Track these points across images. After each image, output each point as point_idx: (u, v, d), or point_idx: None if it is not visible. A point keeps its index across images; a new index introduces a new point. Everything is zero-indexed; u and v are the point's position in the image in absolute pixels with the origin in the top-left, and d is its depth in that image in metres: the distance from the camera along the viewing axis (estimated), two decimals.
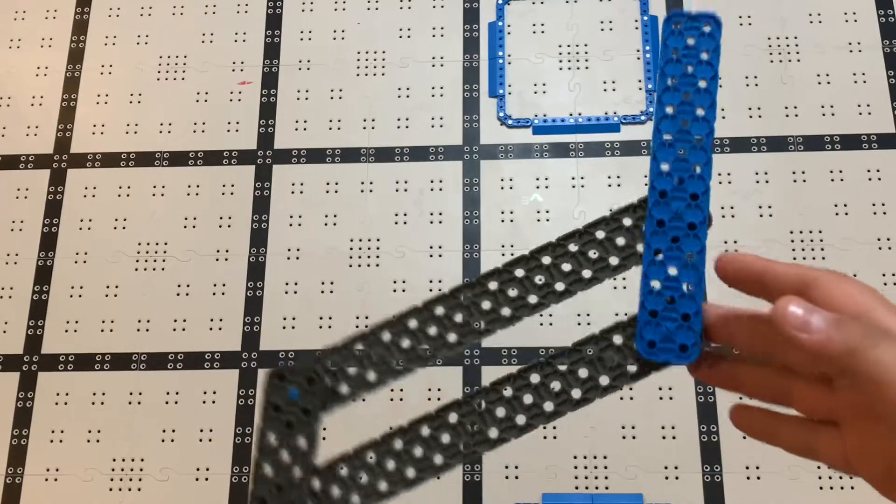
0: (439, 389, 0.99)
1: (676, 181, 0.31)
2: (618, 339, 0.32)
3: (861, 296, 0.27)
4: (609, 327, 0.32)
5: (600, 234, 0.33)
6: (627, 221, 0.32)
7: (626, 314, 0.99)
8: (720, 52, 0.31)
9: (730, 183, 1.05)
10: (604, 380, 0.31)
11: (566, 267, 0.33)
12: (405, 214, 1.07)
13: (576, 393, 0.31)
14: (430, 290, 1.03)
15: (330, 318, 1.03)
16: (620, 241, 0.32)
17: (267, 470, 0.30)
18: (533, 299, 0.32)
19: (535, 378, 0.32)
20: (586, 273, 0.33)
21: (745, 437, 0.99)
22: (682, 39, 0.32)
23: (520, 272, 0.33)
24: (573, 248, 0.33)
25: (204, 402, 1.01)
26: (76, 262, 1.07)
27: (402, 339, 0.32)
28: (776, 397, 0.30)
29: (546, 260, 0.33)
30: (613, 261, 0.32)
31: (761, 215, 1.04)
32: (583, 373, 0.31)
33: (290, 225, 1.07)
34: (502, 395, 0.31)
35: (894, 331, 0.26)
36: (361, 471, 0.31)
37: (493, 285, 0.33)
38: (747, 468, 0.95)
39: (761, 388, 0.31)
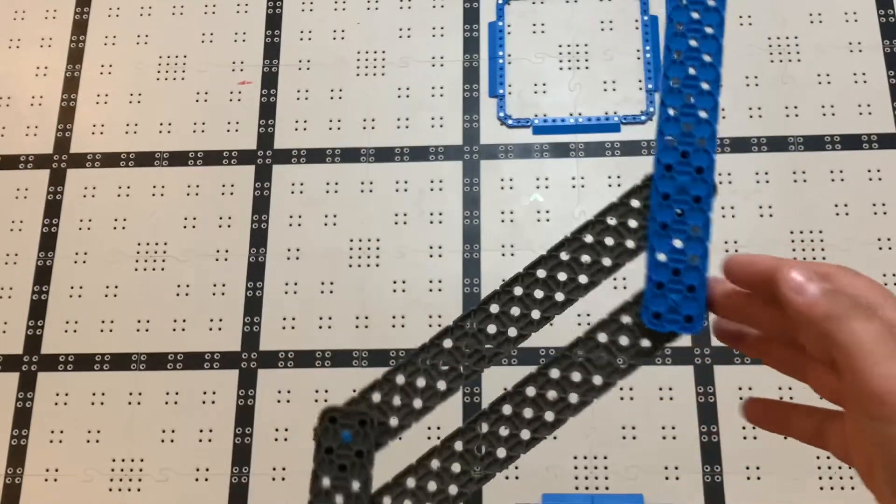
0: None
1: (681, 155, 0.31)
2: (626, 319, 0.32)
3: (871, 291, 0.27)
4: (616, 309, 0.32)
5: (612, 221, 0.33)
6: (636, 203, 0.33)
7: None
8: (724, 26, 0.32)
9: (730, 183, 1.05)
10: (621, 361, 0.31)
11: (585, 258, 0.33)
12: (405, 214, 1.07)
13: (597, 380, 0.31)
14: (430, 291, 1.03)
15: (330, 319, 1.03)
16: (633, 223, 0.33)
17: None
18: (560, 297, 0.32)
19: (554, 372, 0.32)
20: (606, 262, 0.33)
21: (745, 438, 0.99)
22: (686, 13, 0.32)
23: (541, 272, 0.33)
24: (588, 238, 0.33)
25: (203, 403, 1.01)
26: (76, 262, 1.07)
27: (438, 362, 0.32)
28: (795, 371, 0.31)
29: (564, 256, 0.33)
30: (630, 244, 0.32)
31: (761, 215, 1.04)
32: (600, 359, 0.31)
33: (290, 225, 1.07)
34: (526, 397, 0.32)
35: (892, 322, 0.26)
36: None
37: (518, 290, 0.33)
38: (747, 468, 0.95)
39: (782, 361, 0.31)
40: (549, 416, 0.31)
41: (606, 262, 0.32)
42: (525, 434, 0.31)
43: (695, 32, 0.32)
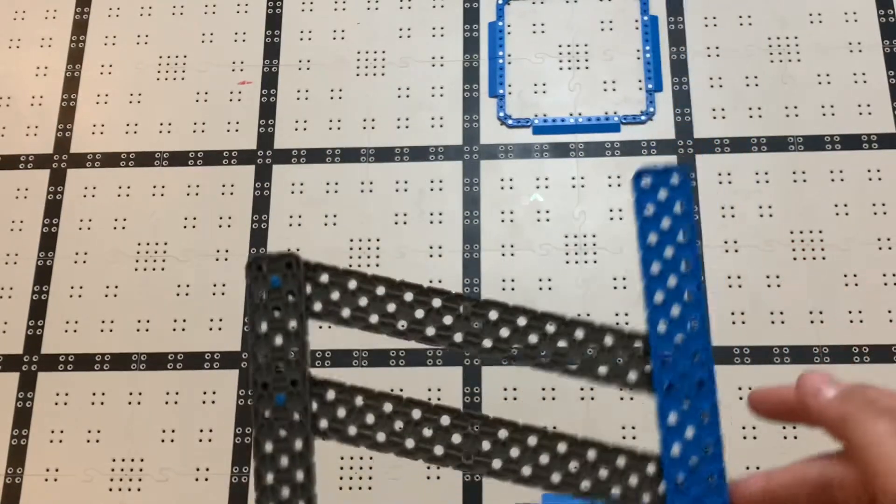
0: (439, 389, 0.98)
1: (678, 341, 0.31)
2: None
3: (892, 397, 0.26)
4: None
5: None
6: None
7: (626, 314, 1.00)
8: (693, 201, 0.31)
9: (730, 183, 1.05)
10: None
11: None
12: (405, 214, 1.07)
13: None
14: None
15: None
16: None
17: (261, 358, 0.30)
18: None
19: None
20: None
21: (745, 438, 0.99)
22: (653, 195, 0.32)
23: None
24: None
25: (203, 403, 1.01)
26: (76, 262, 1.07)
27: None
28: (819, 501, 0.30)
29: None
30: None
31: (761, 215, 1.04)
32: None
33: (290, 225, 1.07)
34: None
35: None
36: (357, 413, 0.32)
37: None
38: (747, 468, 0.95)
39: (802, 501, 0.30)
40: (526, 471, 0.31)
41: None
42: (497, 465, 0.31)
43: (665, 211, 0.32)
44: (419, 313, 0.31)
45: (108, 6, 1.19)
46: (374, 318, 0.32)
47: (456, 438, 0.31)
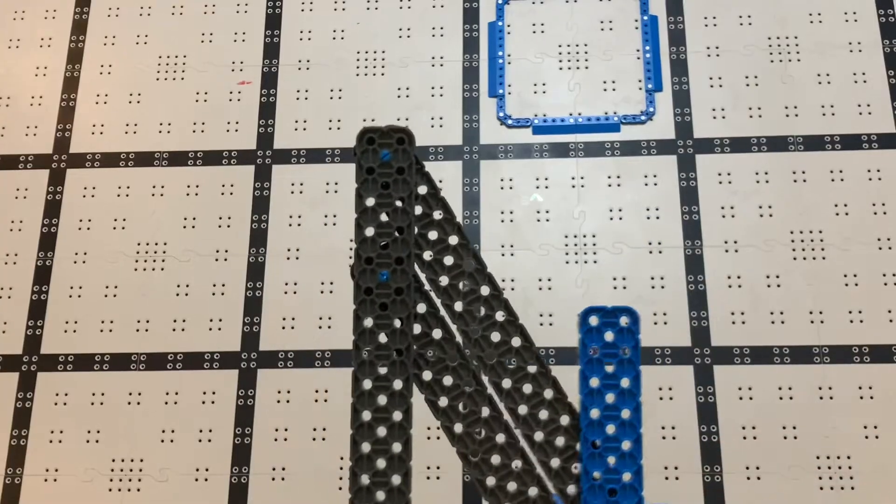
0: None
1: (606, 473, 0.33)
2: None
3: None
4: None
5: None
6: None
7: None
8: (640, 346, 0.32)
9: (730, 183, 1.05)
10: None
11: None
12: None
13: None
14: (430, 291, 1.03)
15: (330, 318, 1.03)
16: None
17: (367, 231, 0.31)
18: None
19: None
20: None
21: (745, 438, 0.99)
22: (600, 337, 0.32)
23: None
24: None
25: (203, 403, 1.01)
26: (75, 263, 1.07)
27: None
28: None
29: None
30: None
31: (761, 215, 1.04)
32: None
33: (290, 225, 1.07)
34: None
35: None
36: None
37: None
38: (747, 468, 0.95)
39: None
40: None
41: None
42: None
43: (610, 357, 0.32)
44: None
45: (108, 6, 1.19)
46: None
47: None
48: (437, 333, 0.32)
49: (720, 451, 0.95)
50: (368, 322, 0.30)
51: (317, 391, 1.00)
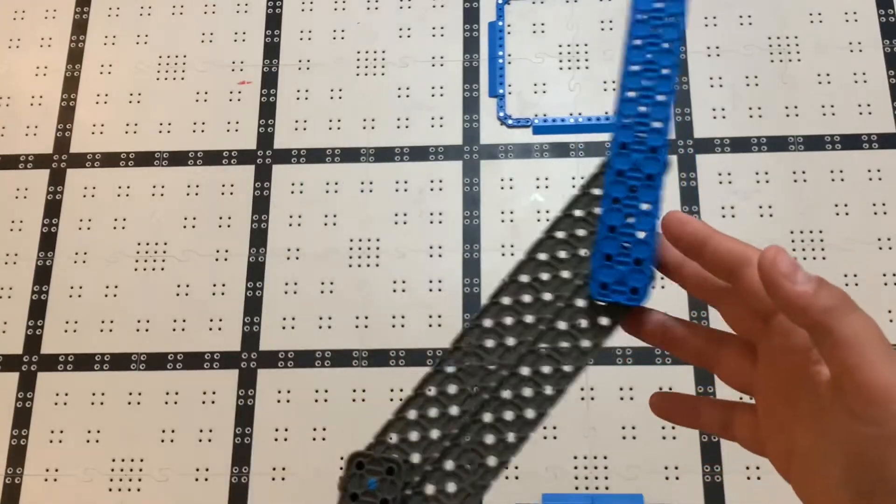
0: None
1: (637, 135, 0.33)
2: (581, 302, 0.32)
3: (875, 330, 0.27)
4: (570, 294, 0.32)
5: (579, 212, 0.35)
6: (597, 191, 0.35)
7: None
8: (686, 16, 0.33)
9: (730, 183, 1.05)
10: (585, 343, 0.31)
11: (563, 254, 0.33)
12: (405, 214, 1.07)
13: (567, 367, 0.31)
14: (430, 291, 1.03)
15: (330, 318, 1.03)
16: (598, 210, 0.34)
17: None
18: (548, 296, 0.33)
19: (524, 369, 0.32)
20: (583, 252, 0.33)
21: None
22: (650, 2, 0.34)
23: (525, 278, 0.33)
24: (561, 235, 0.35)
25: (203, 403, 1.01)
26: (76, 262, 1.07)
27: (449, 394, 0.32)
28: (701, 359, 0.32)
29: (542, 257, 0.33)
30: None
31: (761, 215, 1.04)
32: (564, 347, 0.31)
33: (290, 225, 1.07)
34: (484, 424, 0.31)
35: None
36: None
37: (506, 300, 0.33)
38: (747, 468, 0.95)
39: (690, 349, 0.32)
40: (531, 413, 0.31)
41: (583, 252, 0.33)
42: (511, 437, 0.31)
43: (657, 21, 0.33)
44: None
45: (108, 6, 1.19)
46: None
47: (451, 487, 0.31)
48: None
49: (720, 450, 0.95)
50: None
51: (317, 391, 1.00)
